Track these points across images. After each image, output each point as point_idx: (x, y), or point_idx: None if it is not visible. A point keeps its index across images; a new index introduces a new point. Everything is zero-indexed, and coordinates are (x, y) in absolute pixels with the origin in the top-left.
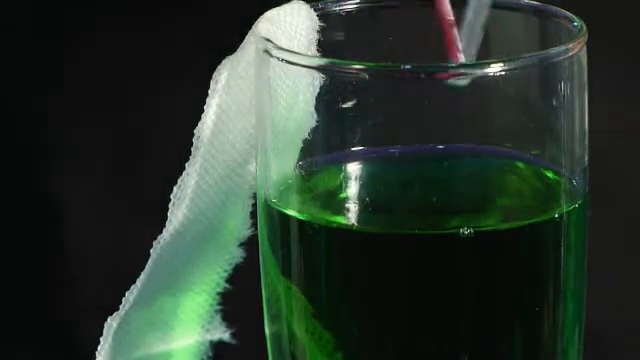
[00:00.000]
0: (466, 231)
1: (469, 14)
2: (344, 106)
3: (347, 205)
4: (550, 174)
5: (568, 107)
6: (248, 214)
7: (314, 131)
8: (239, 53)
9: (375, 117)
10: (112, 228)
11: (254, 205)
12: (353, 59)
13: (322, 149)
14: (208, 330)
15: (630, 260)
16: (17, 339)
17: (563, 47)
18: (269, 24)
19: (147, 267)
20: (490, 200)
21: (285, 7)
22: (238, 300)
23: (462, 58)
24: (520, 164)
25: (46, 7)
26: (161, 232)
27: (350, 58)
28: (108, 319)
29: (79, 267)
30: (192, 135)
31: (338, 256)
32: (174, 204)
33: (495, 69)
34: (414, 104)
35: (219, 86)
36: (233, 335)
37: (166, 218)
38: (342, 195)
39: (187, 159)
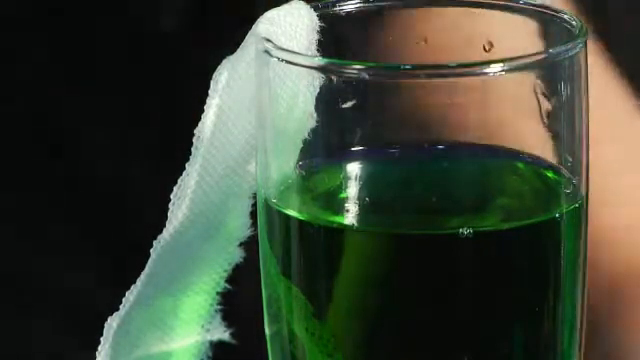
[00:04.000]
0: (466, 231)
1: None
2: (344, 106)
3: (347, 205)
4: (550, 174)
5: (568, 107)
6: (248, 214)
7: (314, 131)
8: (239, 53)
9: (375, 117)
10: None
11: (254, 205)
12: (353, 59)
13: (322, 149)
14: (208, 330)
15: None
16: None
17: (563, 47)
18: (269, 24)
19: (147, 267)
20: (490, 200)
21: (285, 7)
22: (238, 300)
23: None
24: (520, 164)
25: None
26: (161, 232)
27: (350, 58)
28: (108, 319)
29: None
30: (192, 135)
31: (338, 256)
32: (174, 204)
33: (495, 69)
34: (414, 104)
35: (219, 86)
36: (233, 335)
37: (166, 219)
38: (342, 195)
39: (187, 159)
